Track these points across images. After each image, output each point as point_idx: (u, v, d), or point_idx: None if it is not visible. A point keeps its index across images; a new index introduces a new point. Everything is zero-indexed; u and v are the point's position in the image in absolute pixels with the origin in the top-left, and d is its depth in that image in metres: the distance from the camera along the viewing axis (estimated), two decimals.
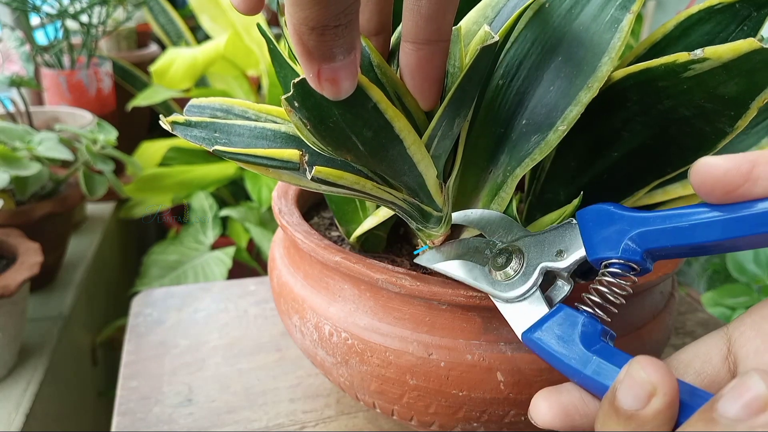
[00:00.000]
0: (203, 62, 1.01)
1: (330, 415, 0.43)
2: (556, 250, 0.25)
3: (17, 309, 0.53)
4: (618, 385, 0.19)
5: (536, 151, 0.28)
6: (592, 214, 0.24)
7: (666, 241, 0.22)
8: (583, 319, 0.23)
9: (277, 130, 0.25)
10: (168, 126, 0.24)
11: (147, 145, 1.07)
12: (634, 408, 0.18)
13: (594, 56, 0.26)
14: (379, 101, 0.22)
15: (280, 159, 0.21)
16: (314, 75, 0.20)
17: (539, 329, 0.24)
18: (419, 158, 0.25)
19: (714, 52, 0.22)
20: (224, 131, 0.25)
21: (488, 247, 0.28)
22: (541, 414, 0.22)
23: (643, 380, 0.18)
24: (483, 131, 0.30)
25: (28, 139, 0.63)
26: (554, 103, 0.27)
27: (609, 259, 0.23)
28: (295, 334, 0.36)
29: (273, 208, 0.37)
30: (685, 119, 0.26)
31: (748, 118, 0.24)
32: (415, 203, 0.27)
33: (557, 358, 0.23)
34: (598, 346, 0.22)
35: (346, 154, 0.24)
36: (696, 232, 0.21)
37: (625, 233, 0.23)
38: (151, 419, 0.42)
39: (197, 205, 1.01)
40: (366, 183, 0.24)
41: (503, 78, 0.29)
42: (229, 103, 0.28)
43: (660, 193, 0.32)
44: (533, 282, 0.25)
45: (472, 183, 0.32)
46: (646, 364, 0.18)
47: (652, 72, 0.25)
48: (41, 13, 0.96)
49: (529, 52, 0.28)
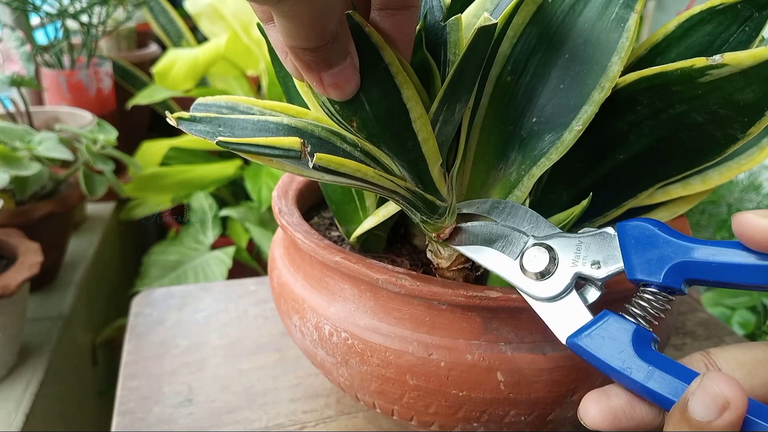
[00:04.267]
0: (204, 63, 1.01)
1: (330, 415, 0.43)
2: (593, 259, 0.25)
3: (17, 309, 0.53)
4: (690, 396, 0.20)
5: (552, 151, 0.28)
6: (635, 232, 0.24)
7: (708, 275, 0.23)
8: (635, 327, 0.23)
9: (279, 122, 0.25)
10: (174, 122, 0.24)
11: (148, 145, 1.07)
12: (706, 419, 0.19)
13: (603, 55, 0.26)
14: (391, 63, 0.23)
15: (282, 147, 0.21)
16: (317, 83, 0.22)
17: (586, 334, 0.24)
18: (424, 136, 0.25)
19: (734, 58, 0.22)
20: (228, 125, 0.25)
21: (520, 239, 0.28)
22: (590, 416, 0.23)
23: (717, 394, 0.19)
24: (492, 128, 0.30)
25: (28, 139, 0.63)
26: (565, 101, 0.27)
27: (649, 281, 0.24)
28: (295, 334, 0.36)
29: (273, 208, 0.37)
30: (697, 125, 0.26)
31: (762, 125, 0.24)
32: (418, 192, 0.27)
33: (608, 365, 0.23)
34: (651, 354, 0.23)
35: (352, 116, 0.24)
36: (740, 272, 0.22)
37: (668, 260, 0.23)
38: (151, 419, 0.42)
39: (197, 205, 1.00)
40: (368, 170, 0.24)
41: (511, 74, 0.29)
42: (234, 101, 0.28)
43: (661, 193, 0.32)
44: (566, 285, 0.25)
45: (481, 180, 0.31)
46: (720, 379, 0.20)
47: (667, 76, 0.25)
48: (41, 13, 0.96)
49: (535, 48, 0.28)
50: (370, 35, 0.22)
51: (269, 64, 1.02)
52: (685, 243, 0.23)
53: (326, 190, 0.39)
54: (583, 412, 0.23)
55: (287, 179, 0.42)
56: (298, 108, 0.28)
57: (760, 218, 0.21)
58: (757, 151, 0.31)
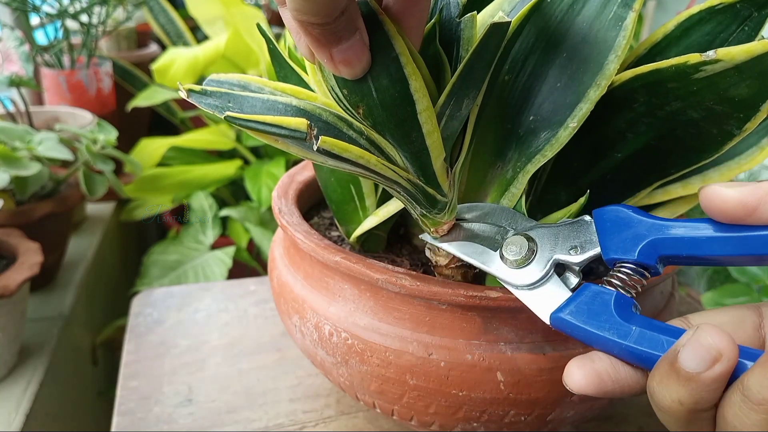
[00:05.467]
0: (204, 61, 1.01)
1: (330, 415, 0.43)
2: (570, 245, 0.26)
3: (17, 309, 0.53)
4: (681, 348, 0.20)
5: (547, 148, 0.28)
6: (610, 215, 0.25)
7: (680, 250, 0.23)
8: (615, 293, 0.24)
9: (288, 103, 0.25)
10: (184, 93, 0.24)
11: (146, 142, 1.07)
12: (696, 371, 0.19)
13: (600, 54, 0.26)
14: (401, 53, 0.23)
15: (288, 127, 0.21)
16: (328, 60, 0.22)
17: (568, 308, 0.24)
18: (429, 129, 0.25)
19: (727, 53, 0.22)
20: (237, 102, 0.25)
21: (499, 232, 0.28)
22: (575, 380, 0.23)
23: (710, 346, 0.19)
24: (490, 126, 0.30)
25: (28, 139, 0.63)
26: (562, 99, 0.27)
27: (624, 260, 0.24)
28: (295, 334, 0.36)
29: (273, 208, 0.37)
30: (693, 121, 0.26)
31: (758, 120, 0.24)
32: (420, 185, 0.27)
33: (592, 333, 0.23)
34: (634, 317, 0.23)
35: (359, 101, 0.24)
36: (711, 245, 0.22)
37: (642, 238, 0.24)
38: (151, 419, 0.42)
39: (197, 205, 1.00)
40: (371, 158, 0.24)
41: (509, 73, 0.29)
42: (247, 80, 0.28)
43: (660, 193, 0.32)
44: (545, 272, 0.26)
45: (479, 178, 0.31)
46: (713, 331, 0.19)
47: (661, 73, 0.25)
48: (41, 13, 0.96)
49: (533, 47, 0.29)
50: (384, 23, 0.22)
51: (269, 64, 1.02)
52: (659, 222, 0.24)
53: (326, 190, 0.39)
54: (567, 376, 0.23)
55: (287, 179, 0.42)
56: (308, 92, 0.28)
57: (725, 189, 0.21)
58: (757, 151, 0.31)
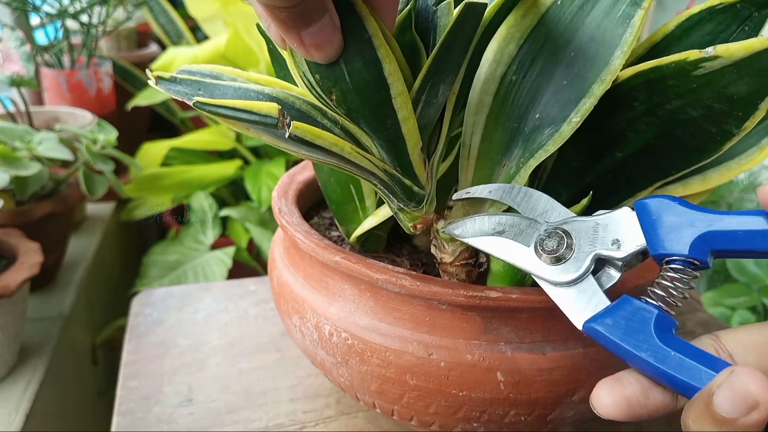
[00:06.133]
0: (203, 61, 1.01)
1: (330, 415, 0.43)
2: (611, 238, 0.24)
3: (17, 309, 0.53)
4: (716, 390, 0.19)
5: (549, 143, 0.28)
6: (655, 207, 0.24)
7: (734, 244, 0.22)
8: (657, 313, 0.23)
9: (260, 90, 0.25)
10: (153, 80, 0.23)
11: (149, 146, 1.07)
12: (732, 416, 0.19)
13: (606, 50, 0.26)
14: (374, 35, 0.22)
15: (259, 113, 0.21)
16: (298, 44, 0.21)
17: (605, 320, 0.23)
18: (404, 115, 0.24)
19: (726, 50, 0.22)
20: (208, 90, 0.24)
21: (532, 226, 0.27)
22: (604, 405, 0.23)
23: (745, 392, 0.19)
24: (497, 125, 0.30)
25: (28, 139, 0.63)
26: (567, 96, 0.27)
27: (673, 255, 0.23)
28: (295, 334, 0.36)
29: (273, 208, 0.37)
30: (692, 120, 0.26)
31: (756, 119, 0.24)
32: (396, 175, 0.27)
33: (628, 350, 0.22)
34: (672, 340, 0.22)
35: (332, 87, 0.23)
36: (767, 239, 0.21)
37: (692, 231, 0.23)
38: (151, 419, 0.42)
39: (197, 205, 1.00)
40: (345, 145, 0.23)
41: (516, 74, 0.30)
42: (219, 70, 0.27)
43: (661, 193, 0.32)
44: (585, 268, 0.24)
45: (486, 176, 0.31)
46: (749, 378, 0.19)
47: (661, 70, 0.25)
48: (41, 13, 0.96)
49: (542, 48, 0.29)
50: (355, 4, 0.21)
51: (269, 64, 1.02)
52: (708, 214, 0.22)
53: (326, 190, 0.39)
54: (596, 400, 0.23)
55: (287, 179, 0.42)
56: (283, 82, 0.27)
57: None
58: (757, 151, 0.31)
